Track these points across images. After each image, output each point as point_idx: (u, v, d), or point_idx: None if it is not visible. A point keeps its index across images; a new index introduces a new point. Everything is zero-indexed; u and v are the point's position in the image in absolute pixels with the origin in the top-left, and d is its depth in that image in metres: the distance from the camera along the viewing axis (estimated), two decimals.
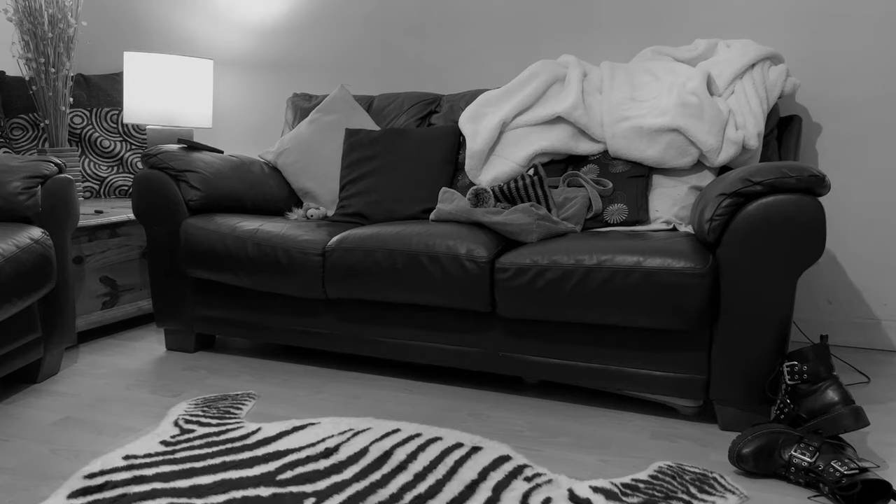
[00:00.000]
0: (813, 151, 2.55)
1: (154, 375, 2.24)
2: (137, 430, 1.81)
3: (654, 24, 2.68)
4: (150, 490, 1.47)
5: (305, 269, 2.14)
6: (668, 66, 2.39)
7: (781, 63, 2.34)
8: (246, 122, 3.38)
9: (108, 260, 2.61)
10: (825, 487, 1.44)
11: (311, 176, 2.66)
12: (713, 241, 1.76)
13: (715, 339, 1.77)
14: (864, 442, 1.74)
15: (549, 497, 1.45)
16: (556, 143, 2.35)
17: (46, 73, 2.76)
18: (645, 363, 1.85)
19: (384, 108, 2.82)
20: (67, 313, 2.19)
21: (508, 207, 2.16)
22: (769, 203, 1.67)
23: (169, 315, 2.43)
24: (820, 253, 1.66)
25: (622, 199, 2.22)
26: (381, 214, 2.46)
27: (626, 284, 1.77)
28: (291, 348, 2.54)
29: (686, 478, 1.53)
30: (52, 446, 1.71)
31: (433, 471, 1.56)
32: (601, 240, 1.92)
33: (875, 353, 2.50)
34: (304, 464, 1.60)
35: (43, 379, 2.17)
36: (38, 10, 2.70)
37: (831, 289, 2.57)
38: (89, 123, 3.11)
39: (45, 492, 1.49)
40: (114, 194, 3.11)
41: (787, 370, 1.63)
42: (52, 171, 2.14)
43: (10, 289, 1.84)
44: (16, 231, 1.95)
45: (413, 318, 2.11)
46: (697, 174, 2.22)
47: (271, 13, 3.25)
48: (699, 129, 2.15)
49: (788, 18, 2.51)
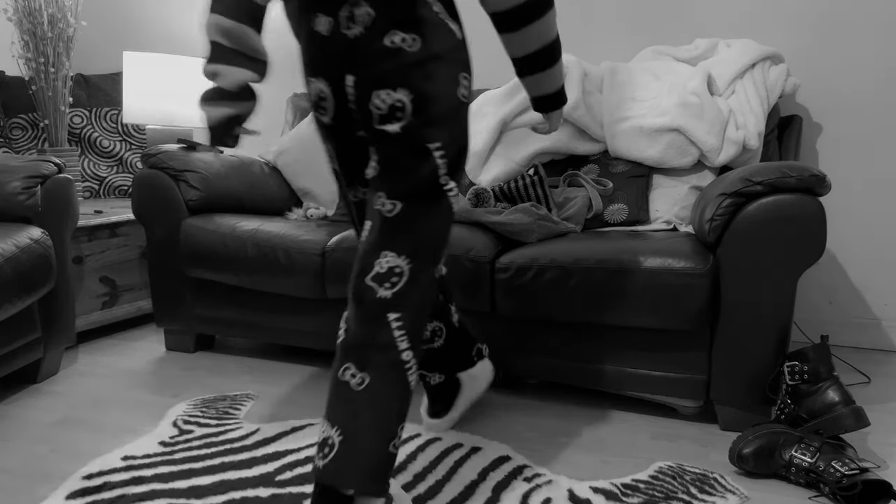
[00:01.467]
0: (813, 151, 2.54)
1: (154, 376, 2.23)
2: (136, 431, 1.80)
3: (654, 24, 2.68)
4: (148, 491, 1.46)
5: (305, 269, 2.14)
6: (668, 66, 2.39)
7: (782, 63, 2.34)
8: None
9: (107, 260, 2.60)
10: (826, 488, 1.43)
11: (311, 176, 2.66)
12: (713, 241, 1.75)
13: (715, 339, 1.76)
14: (864, 442, 1.74)
15: (549, 497, 1.44)
16: (557, 143, 2.35)
17: (46, 72, 2.76)
18: (645, 363, 1.85)
19: None
20: (67, 313, 2.19)
21: (509, 207, 2.16)
22: (770, 203, 1.67)
23: (169, 315, 2.43)
24: (820, 253, 1.66)
25: (622, 199, 2.22)
26: None
27: (627, 284, 1.77)
28: (291, 348, 2.54)
29: (686, 478, 1.53)
30: (51, 446, 1.71)
31: (433, 471, 1.56)
32: (601, 240, 1.91)
33: (875, 353, 2.49)
34: (304, 464, 1.59)
35: (42, 379, 2.17)
36: (38, 10, 2.70)
37: (831, 289, 2.57)
38: (89, 123, 3.10)
39: (43, 492, 1.48)
40: (113, 194, 3.10)
41: (788, 370, 1.63)
42: (51, 171, 2.14)
43: (10, 289, 1.84)
44: (15, 231, 1.95)
45: None
46: (698, 174, 2.22)
47: (271, 13, 3.25)
48: (699, 128, 2.15)
49: (789, 18, 2.51)
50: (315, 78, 1.32)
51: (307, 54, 1.33)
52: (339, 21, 1.26)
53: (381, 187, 1.28)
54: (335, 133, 1.37)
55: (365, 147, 1.38)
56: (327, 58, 1.29)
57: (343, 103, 1.31)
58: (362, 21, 1.25)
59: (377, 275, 1.27)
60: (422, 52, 1.24)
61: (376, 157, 1.29)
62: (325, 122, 1.36)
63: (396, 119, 1.25)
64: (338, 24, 1.26)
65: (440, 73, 1.25)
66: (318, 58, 1.30)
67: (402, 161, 1.26)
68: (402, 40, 1.24)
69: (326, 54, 1.29)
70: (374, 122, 1.27)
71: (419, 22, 1.25)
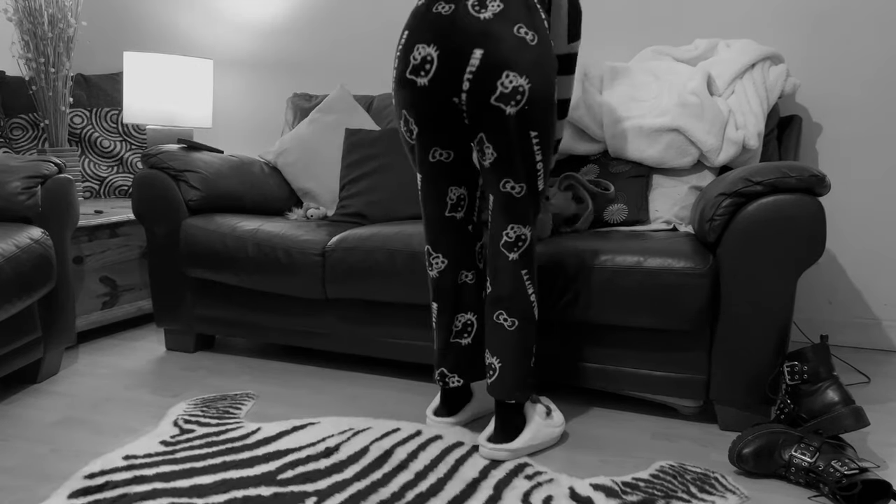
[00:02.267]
0: (813, 151, 2.55)
1: (154, 375, 2.23)
2: (137, 430, 1.81)
3: (654, 24, 2.68)
4: (150, 490, 1.47)
5: (305, 269, 2.14)
6: (668, 66, 2.40)
7: (781, 63, 2.34)
8: (246, 122, 3.38)
9: (108, 260, 2.61)
10: (825, 487, 1.44)
11: (311, 176, 2.67)
12: (713, 241, 1.76)
13: (715, 339, 1.77)
14: (864, 442, 1.74)
15: (551, 495, 1.45)
16: None
17: (46, 73, 2.76)
18: (645, 363, 1.85)
19: (384, 108, 2.82)
20: (67, 313, 2.19)
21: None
22: (769, 203, 1.67)
23: (169, 315, 2.43)
24: (820, 253, 1.66)
25: (622, 199, 2.22)
26: (381, 214, 2.46)
27: (627, 284, 1.77)
28: (291, 348, 2.54)
29: (687, 477, 1.53)
30: (52, 446, 1.71)
31: (434, 469, 1.56)
32: (601, 240, 1.92)
33: (875, 353, 2.50)
34: (305, 463, 1.60)
35: (43, 379, 2.17)
36: (38, 10, 2.70)
37: (831, 289, 2.58)
38: (89, 123, 3.10)
39: (45, 492, 1.49)
40: (114, 194, 3.10)
41: (788, 370, 1.63)
42: (51, 171, 2.14)
43: (10, 289, 1.84)
44: (16, 231, 1.95)
45: (413, 318, 2.11)
46: (697, 174, 2.22)
47: (271, 13, 3.25)
48: (699, 128, 2.15)
49: (789, 19, 2.51)
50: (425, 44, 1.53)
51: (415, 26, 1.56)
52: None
53: (506, 172, 1.56)
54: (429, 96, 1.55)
55: (453, 113, 1.57)
56: (454, 30, 1.50)
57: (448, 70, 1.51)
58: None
59: (506, 243, 1.61)
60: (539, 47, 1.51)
61: (491, 145, 1.54)
62: (421, 84, 1.54)
63: (515, 102, 1.49)
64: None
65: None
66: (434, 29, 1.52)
67: (514, 147, 1.53)
68: (526, 33, 1.49)
69: (455, 28, 1.50)
70: (492, 97, 1.49)
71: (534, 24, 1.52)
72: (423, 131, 1.60)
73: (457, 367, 1.76)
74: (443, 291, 1.74)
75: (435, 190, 1.68)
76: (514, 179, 1.56)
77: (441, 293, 1.74)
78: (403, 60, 1.56)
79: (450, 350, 1.76)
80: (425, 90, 1.54)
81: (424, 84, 1.53)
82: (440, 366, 1.77)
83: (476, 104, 1.51)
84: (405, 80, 1.56)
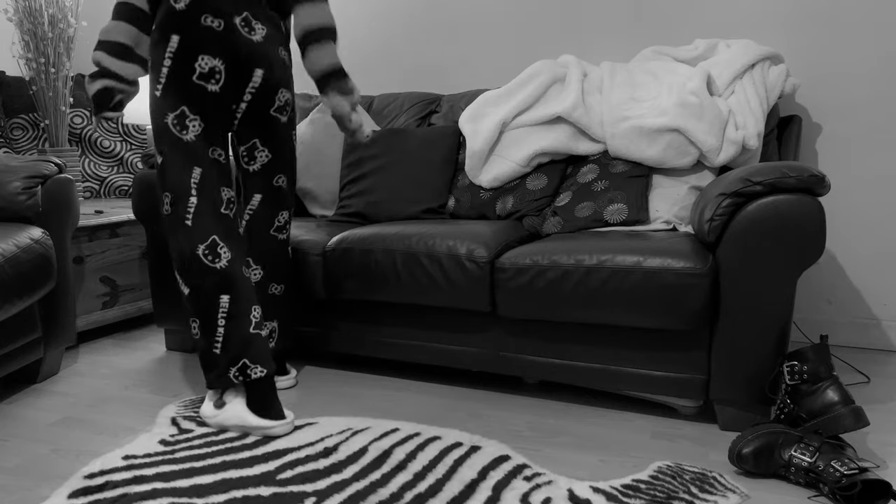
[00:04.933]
0: (813, 151, 2.55)
1: (154, 375, 2.24)
2: (137, 430, 1.81)
3: (654, 24, 2.68)
4: (150, 490, 1.47)
5: (305, 269, 2.14)
6: (668, 66, 2.39)
7: (781, 63, 2.34)
8: None
9: (108, 260, 2.61)
10: (825, 487, 1.44)
11: (311, 176, 2.67)
12: (713, 241, 1.76)
13: (715, 339, 1.77)
14: (864, 442, 1.74)
15: (549, 497, 1.45)
16: (556, 144, 2.35)
17: (46, 73, 2.76)
18: (645, 363, 1.85)
19: (384, 108, 2.82)
20: (67, 313, 2.19)
21: None
22: (769, 203, 1.67)
23: (169, 315, 2.43)
24: (820, 253, 1.66)
25: (622, 199, 2.22)
26: (381, 214, 2.46)
27: (627, 284, 1.77)
28: (291, 348, 2.54)
29: (686, 477, 1.53)
30: (52, 446, 1.71)
31: (433, 470, 1.56)
32: (601, 240, 1.92)
33: (875, 353, 2.50)
34: (304, 463, 1.60)
35: (43, 379, 2.18)
36: (38, 11, 2.70)
37: (831, 289, 2.57)
38: (89, 123, 3.11)
39: (45, 492, 1.49)
40: (114, 194, 3.11)
41: (788, 370, 1.63)
42: (52, 171, 2.14)
43: (10, 289, 1.84)
44: (16, 231, 1.96)
45: (413, 318, 2.11)
46: (697, 174, 2.22)
47: None
48: (699, 129, 2.15)
49: (789, 19, 2.51)
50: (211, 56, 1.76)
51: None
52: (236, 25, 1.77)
53: (278, 170, 1.96)
54: (220, 101, 1.80)
55: (232, 115, 1.85)
56: (234, 48, 1.77)
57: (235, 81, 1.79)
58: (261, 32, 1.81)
59: (277, 227, 2.01)
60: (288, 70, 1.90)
61: (266, 148, 1.91)
62: (212, 90, 1.78)
63: (286, 112, 1.92)
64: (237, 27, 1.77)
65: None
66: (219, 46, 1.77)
67: (286, 147, 1.95)
68: (284, 54, 1.87)
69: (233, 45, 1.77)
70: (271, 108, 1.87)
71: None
72: (205, 130, 1.80)
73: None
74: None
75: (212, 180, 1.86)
76: (284, 174, 1.97)
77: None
78: (185, 63, 1.73)
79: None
80: (216, 96, 1.78)
81: (216, 91, 1.77)
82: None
83: (255, 113, 1.85)
84: (193, 83, 1.74)
